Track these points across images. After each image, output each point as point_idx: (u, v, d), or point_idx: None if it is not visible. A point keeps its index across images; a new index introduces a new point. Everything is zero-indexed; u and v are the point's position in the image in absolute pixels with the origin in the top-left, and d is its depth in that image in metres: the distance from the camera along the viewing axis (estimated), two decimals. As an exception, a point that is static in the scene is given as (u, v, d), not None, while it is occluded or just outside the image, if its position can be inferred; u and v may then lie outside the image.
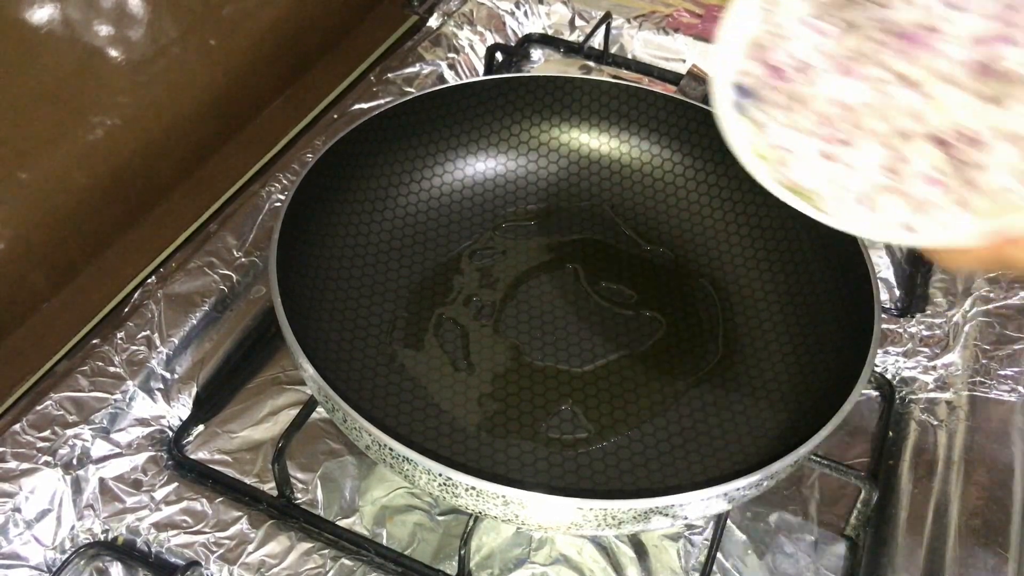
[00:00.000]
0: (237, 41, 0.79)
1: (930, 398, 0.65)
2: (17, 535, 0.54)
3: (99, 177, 0.69)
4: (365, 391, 0.60)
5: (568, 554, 0.56)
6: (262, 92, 0.84)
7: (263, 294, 0.68)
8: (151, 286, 0.67)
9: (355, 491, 0.59)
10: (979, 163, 0.40)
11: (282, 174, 0.75)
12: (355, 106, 0.81)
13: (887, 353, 0.67)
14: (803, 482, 0.61)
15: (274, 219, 0.60)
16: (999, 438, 0.62)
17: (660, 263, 0.69)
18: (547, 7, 0.96)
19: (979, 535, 0.57)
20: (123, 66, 0.68)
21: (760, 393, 0.60)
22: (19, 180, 0.63)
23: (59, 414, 0.59)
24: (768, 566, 0.57)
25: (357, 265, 0.66)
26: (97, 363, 0.61)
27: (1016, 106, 0.39)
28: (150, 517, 0.56)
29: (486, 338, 0.64)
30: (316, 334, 0.61)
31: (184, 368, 0.64)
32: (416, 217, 0.70)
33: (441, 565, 0.55)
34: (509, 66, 0.88)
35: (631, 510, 0.47)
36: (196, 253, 0.69)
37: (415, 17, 0.94)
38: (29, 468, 0.56)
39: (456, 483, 0.47)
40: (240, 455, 0.60)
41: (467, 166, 0.73)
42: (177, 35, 0.72)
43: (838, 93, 0.42)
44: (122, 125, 0.70)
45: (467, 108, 0.71)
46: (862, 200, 0.42)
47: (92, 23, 0.65)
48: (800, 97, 0.43)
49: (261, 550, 0.55)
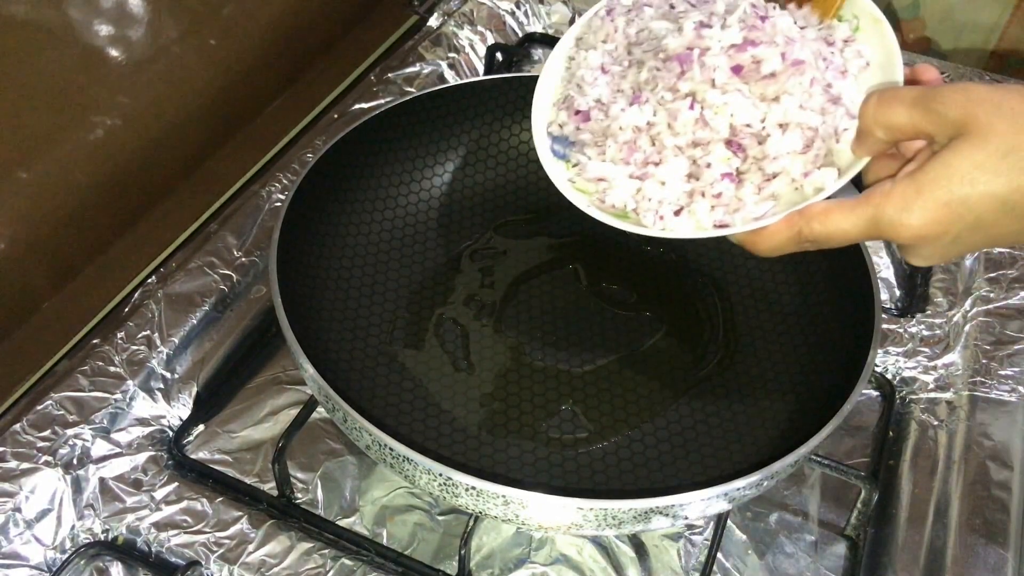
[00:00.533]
0: (237, 41, 0.79)
1: (930, 398, 0.65)
2: (17, 535, 0.54)
3: (99, 177, 0.69)
4: (365, 391, 0.60)
5: (568, 554, 0.56)
6: (262, 92, 0.84)
7: (263, 294, 0.68)
8: (151, 286, 0.67)
9: (355, 491, 0.59)
10: (767, 154, 0.47)
11: (282, 174, 0.75)
12: (355, 106, 0.81)
13: (887, 353, 0.67)
14: (803, 482, 0.61)
15: (274, 219, 0.60)
16: (999, 438, 0.62)
17: (660, 263, 0.69)
18: (547, 7, 0.96)
19: (979, 535, 0.57)
20: (123, 66, 0.68)
21: (760, 393, 0.60)
22: (19, 180, 0.63)
23: (59, 414, 0.59)
24: (768, 566, 0.57)
25: (357, 265, 0.66)
26: (97, 363, 0.62)
27: (786, 98, 0.47)
28: (150, 517, 0.56)
29: (486, 338, 0.64)
30: (316, 334, 0.61)
31: (184, 368, 0.64)
32: (416, 217, 0.70)
33: (441, 565, 0.55)
34: (509, 66, 0.88)
35: (631, 510, 0.47)
36: (196, 253, 0.69)
37: (415, 17, 0.94)
38: (29, 468, 0.56)
39: (456, 483, 0.47)
40: (240, 455, 0.61)
41: (467, 166, 0.73)
42: (177, 35, 0.72)
43: (635, 119, 0.49)
44: (122, 125, 0.70)
45: (467, 108, 0.71)
46: (679, 208, 0.49)
47: (92, 23, 0.65)
48: (605, 132, 0.50)
49: (261, 550, 0.55)
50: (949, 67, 0.90)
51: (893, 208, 0.42)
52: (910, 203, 0.42)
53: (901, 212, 0.42)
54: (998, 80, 0.89)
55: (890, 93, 0.44)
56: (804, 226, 0.45)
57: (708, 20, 0.48)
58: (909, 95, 0.43)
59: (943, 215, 0.41)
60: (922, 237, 0.42)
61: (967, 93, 0.41)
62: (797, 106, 0.47)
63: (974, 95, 0.41)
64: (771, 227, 0.46)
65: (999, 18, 0.90)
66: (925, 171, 0.42)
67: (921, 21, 0.93)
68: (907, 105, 0.43)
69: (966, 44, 0.93)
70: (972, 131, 0.40)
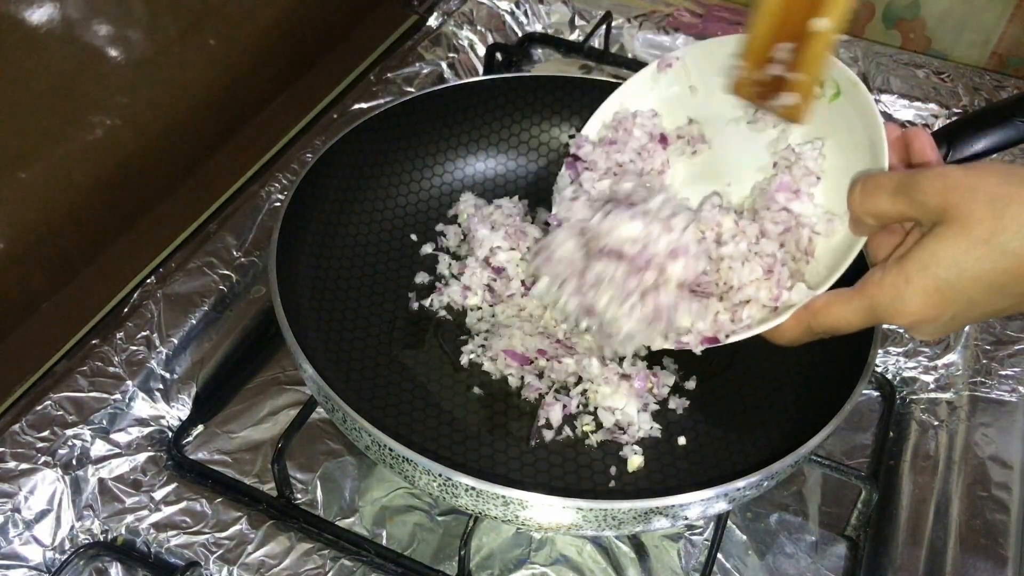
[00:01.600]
0: (237, 41, 0.79)
1: (931, 398, 0.65)
2: (16, 535, 0.54)
3: (99, 177, 0.69)
4: (365, 391, 0.60)
5: (568, 554, 0.56)
6: (262, 92, 0.84)
7: (263, 294, 0.68)
8: (151, 286, 0.67)
9: (355, 491, 0.59)
10: (732, 286, 0.52)
11: (282, 174, 0.75)
12: (355, 106, 0.81)
13: (887, 353, 0.67)
14: (803, 482, 0.61)
15: (274, 219, 0.60)
16: (999, 438, 0.62)
17: (660, 263, 0.69)
18: (547, 6, 0.96)
19: (979, 535, 0.57)
20: (123, 66, 0.68)
21: (760, 393, 0.60)
22: (19, 180, 0.63)
23: (58, 414, 0.59)
24: (768, 566, 0.57)
25: (357, 265, 0.66)
26: (96, 363, 0.61)
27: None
28: (150, 517, 0.56)
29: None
30: (316, 334, 0.61)
31: (183, 368, 0.64)
32: (416, 217, 0.70)
33: (441, 566, 0.55)
34: (509, 66, 0.88)
35: (631, 511, 0.47)
36: (196, 253, 0.69)
37: (415, 16, 0.94)
38: (28, 468, 0.56)
39: (456, 484, 0.47)
40: (240, 455, 0.60)
41: (467, 166, 0.72)
42: (177, 35, 0.72)
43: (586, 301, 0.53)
44: (122, 125, 0.70)
45: (467, 108, 0.71)
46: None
47: (92, 23, 0.65)
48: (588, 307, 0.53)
49: (261, 550, 0.55)
50: (950, 67, 0.90)
51: (886, 298, 0.44)
52: (901, 292, 0.43)
53: (894, 301, 0.44)
54: (998, 80, 0.89)
55: (873, 183, 0.46)
56: (811, 320, 0.48)
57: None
58: (890, 183, 0.45)
59: (935, 300, 0.43)
60: (918, 321, 0.44)
61: (944, 180, 0.42)
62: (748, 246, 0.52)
63: (951, 181, 0.42)
64: (783, 326, 0.50)
65: (999, 18, 0.90)
66: (911, 259, 0.43)
67: (921, 21, 0.93)
68: (889, 193, 0.44)
69: (966, 44, 0.93)
70: (953, 218, 0.41)
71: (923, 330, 0.45)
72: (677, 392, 0.61)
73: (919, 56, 0.92)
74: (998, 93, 0.87)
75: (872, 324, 0.47)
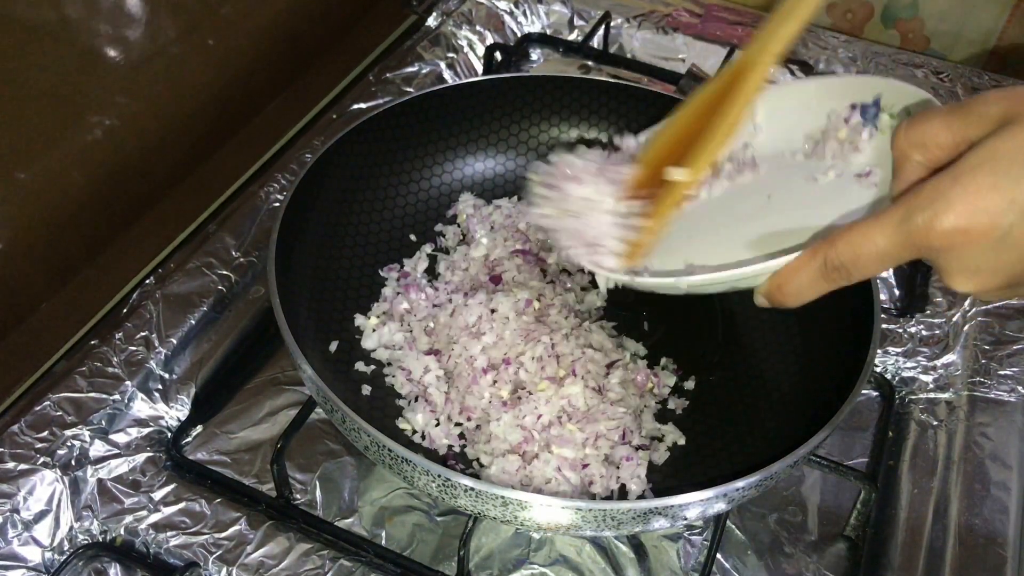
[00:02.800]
0: (236, 41, 0.79)
1: (930, 398, 0.65)
2: (15, 536, 0.54)
3: (98, 177, 0.69)
4: (364, 391, 0.60)
5: (567, 554, 0.56)
6: (260, 92, 0.84)
7: (262, 294, 0.68)
8: (150, 286, 0.67)
9: (354, 492, 0.59)
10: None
11: (281, 174, 0.75)
12: (354, 106, 0.81)
13: (887, 353, 0.67)
14: (803, 482, 0.61)
15: (273, 219, 0.60)
16: (998, 438, 0.62)
17: (659, 263, 0.69)
18: (546, 6, 0.96)
19: (978, 535, 0.57)
20: (122, 66, 0.68)
21: (760, 394, 0.60)
22: (18, 180, 0.63)
23: (57, 415, 0.59)
24: (768, 566, 0.57)
25: (356, 265, 0.66)
26: (95, 364, 0.61)
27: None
28: (149, 518, 0.56)
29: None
30: (315, 334, 0.61)
31: (183, 369, 0.64)
32: (415, 217, 0.70)
33: (440, 566, 0.55)
34: (508, 66, 0.88)
35: (630, 511, 0.47)
36: (195, 253, 0.69)
37: (414, 16, 0.94)
38: (27, 469, 0.56)
39: (455, 484, 0.47)
40: (239, 456, 0.60)
41: (466, 166, 0.72)
42: (176, 35, 0.72)
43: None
44: (121, 125, 0.70)
45: (466, 108, 0.71)
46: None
47: (91, 23, 0.65)
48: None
49: (260, 551, 0.55)
50: (948, 67, 0.90)
51: (926, 200, 0.36)
52: (945, 191, 0.36)
53: (935, 202, 0.36)
54: (997, 81, 0.89)
55: (924, 113, 0.40)
56: (828, 251, 0.40)
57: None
58: (942, 110, 0.39)
59: (990, 202, 0.35)
60: (965, 232, 0.36)
61: (1006, 90, 0.37)
62: None
63: (1013, 91, 0.37)
64: (792, 265, 0.42)
65: (998, 18, 0.90)
66: (962, 162, 0.36)
67: (921, 21, 0.93)
68: (943, 116, 0.39)
69: (966, 43, 0.93)
70: (1019, 116, 0.36)
71: (966, 259, 0.37)
72: (677, 392, 0.61)
73: (918, 56, 0.92)
74: (997, 93, 0.87)
75: (906, 250, 0.38)
